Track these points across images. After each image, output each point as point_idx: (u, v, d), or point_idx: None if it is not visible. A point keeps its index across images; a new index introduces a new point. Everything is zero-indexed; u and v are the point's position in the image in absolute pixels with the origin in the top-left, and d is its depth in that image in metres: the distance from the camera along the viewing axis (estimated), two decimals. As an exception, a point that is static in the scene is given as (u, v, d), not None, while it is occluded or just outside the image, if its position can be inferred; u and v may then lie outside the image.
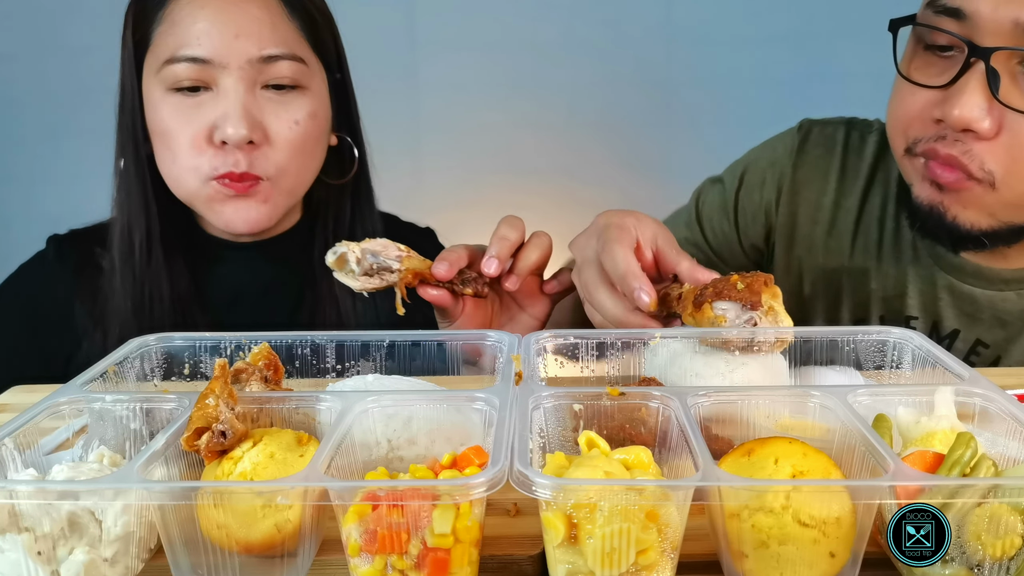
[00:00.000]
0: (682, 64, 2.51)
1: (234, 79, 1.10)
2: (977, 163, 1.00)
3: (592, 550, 0.57)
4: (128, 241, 1.17)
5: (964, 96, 0.98)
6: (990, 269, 1.14)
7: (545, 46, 2.49)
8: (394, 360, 0.87)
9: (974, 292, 1.16)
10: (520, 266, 1.03)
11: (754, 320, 0.83)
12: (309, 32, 1.17)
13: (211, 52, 1.09)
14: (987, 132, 0.99)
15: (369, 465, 0.69)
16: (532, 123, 2.51)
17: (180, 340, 0.86)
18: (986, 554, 0.59)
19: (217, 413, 0.65)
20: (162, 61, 1.11)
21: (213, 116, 1.11)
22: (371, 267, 0.97)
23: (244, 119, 1.10)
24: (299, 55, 1.14)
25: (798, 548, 0.59)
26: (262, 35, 1.11)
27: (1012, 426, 0.67)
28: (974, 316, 1.17)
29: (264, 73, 1.12)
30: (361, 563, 0.59)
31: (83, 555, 0.61)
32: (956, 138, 1.01)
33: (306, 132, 1.16)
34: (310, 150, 1.18)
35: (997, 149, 1.00)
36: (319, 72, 1.19)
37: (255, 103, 1.12)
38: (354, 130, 1.28)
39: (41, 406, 0.71)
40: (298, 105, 1.15)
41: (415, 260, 0.99)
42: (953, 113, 0.99)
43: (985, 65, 0.97)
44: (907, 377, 0.83)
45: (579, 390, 0.71)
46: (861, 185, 1.26)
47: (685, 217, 1.39)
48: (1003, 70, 0.98)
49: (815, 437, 0.68)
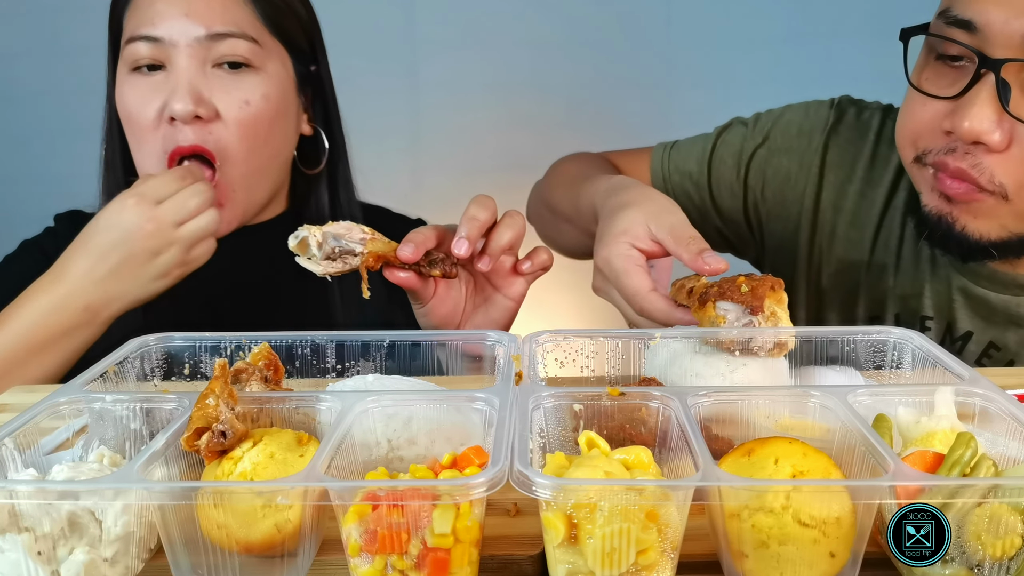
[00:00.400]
0: (682, 64, 2.50)
1: (184, 57, 1.14)
2: (987, 176, 1.00)
3: (592, 550, 0.57)
4: None
5: (974, 108, 0.98)
6: (1004, 274, 1.14)
7: (545, 46, 2.48)
8: (394, 360, 0.87)
9: (988, 295, 1.15)
10: (492, 246, 1.01)
11: (753, 324, 0.83)
12: (266, 16, 1.20)
13: (163, 31, 1.14)
14: (997, 145, 0.98)
15: (369, 465, 0.69)
16: (532, 122, 2.51)
17: (180, 340, 0.86)
18: (986, 554, 0.59)
19: (217, 413, 0.65)
20: (124, 42, 1.17)
21: (165, 94, 1.14)
22: (333, 251, 0.95)
23: (190, 94, 1.12)
24: (251, 35, 1.17)
25: (798, 548, 0.59)
26: (211, 14, 1.15)
27: (1012, 426, 0.67)
28: (988, 319, 1.16)
29: (213, 51, 1.15)
30: (361, 563, 0.59)
31: (83, 555, 0.61)
32: (966, 150, 1.00)
33: (258, 113, 1.17)
34: (263, 134, 1.19)
35: (1008, 162, 0.99)
36: (277, 56, 1.21)
37: (204, 80, 1.15)
38: (329, 121, 1.30)
39: (41, 406, 0.71)
40: (250, 85, 1.17)
41: (379, 243, 0.97)
42: (963, 125, 0.98)
43: (995, 77, 0.97)
44: (907, 377, 0.83)
45: (579, 390, 0.71)
46: (890, 178, 1.24)
47: (699, 152, 1.36)
48: (1014, 82, 0.98)
49: (815, 437, 0.68)
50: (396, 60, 2.51)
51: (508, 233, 1.02)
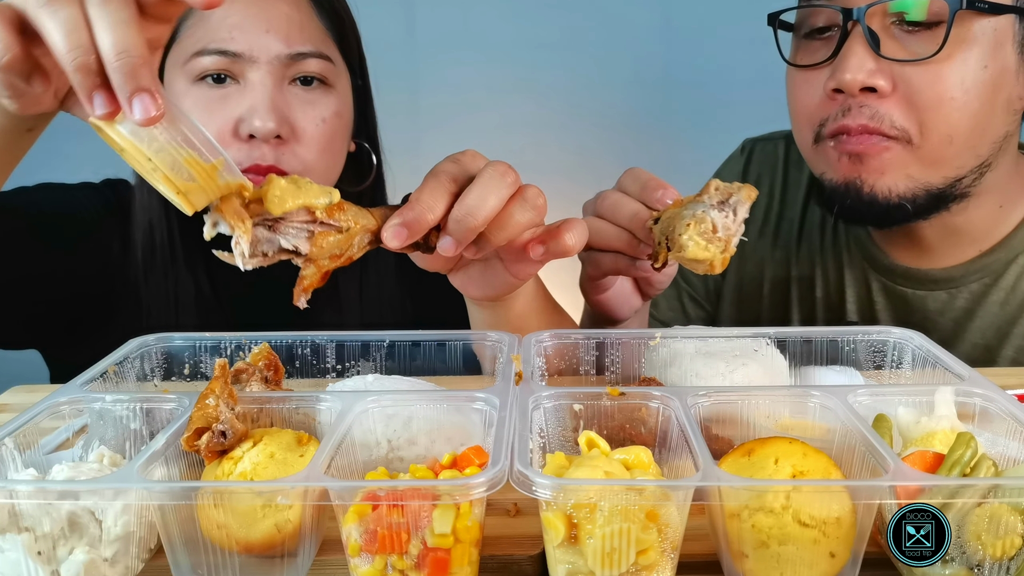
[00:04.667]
0: (682, 64, 2.50)
1: (262, 73, 1.10)
2: (887, 122, 1.03)
3: (592, 550, 0.57)
4: (151, 240, 1.18)
5: (852, 59, 1.02)
6: (919, 270, 1.17)
7: (545, 46, 2.48)
8: (394, 360, 0.87)
9: (906, 293, 1.18)
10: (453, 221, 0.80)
11: (734, 208, 0.76)
12: (336, 32, 1.18)
13: (242, 46, 1.10)
14: (884, 88, 1.02)
15: (369, 465, 0.69)
16: (532, 123, 2.51)
17: (180, 340, 0.86)
18: (986, 554, 0.59)
19: (217, 413, 0.65)
20: (190, 54, 1.11)
21: (240, 109, 1.10)
22: (265, 254, 0.71)
23: (272, 112, 1.09)
24: (326, 54, 1.15)
25: (798, 548, 0.59)
26: (291, 32, 1.12)
27: (1012, 426, 0.67)
28: (907, 318, 1.18)
29: (292, 69, 1.12)
30: (361, 563, 0.59)
31: (83, 555, 0.61)
32: (860, 104, 1.04)
33: (333, 130, 1.16)
34: (336, 149, 1.18)
35: (900, 104, 1.03)
36: (344, 73, 1.20)
37: (283, 98, 1.12)
38: (372, 138, 1.29)
39: (41, 406, 0.71)
40: (325, 103, 1.15)
41: (330, 238, 0.71)
42: (845, 77, 1.02)
43: (863, 27, 1.01)
44: (907, 377, 0.84)
45: (579, 390, 0.71)
46: (802, 195, 1.30)
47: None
48: (880, 29, 1.02)
49: (815, 437, 0.68)
50: (396, 61, 2.51)
51: (491, 200, 0.76)
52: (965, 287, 1.15)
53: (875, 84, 1.02)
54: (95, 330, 1.20)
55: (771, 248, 1.31)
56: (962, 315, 1.16)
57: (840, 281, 1.24)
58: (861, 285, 1.22)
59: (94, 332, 1.20)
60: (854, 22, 1.02)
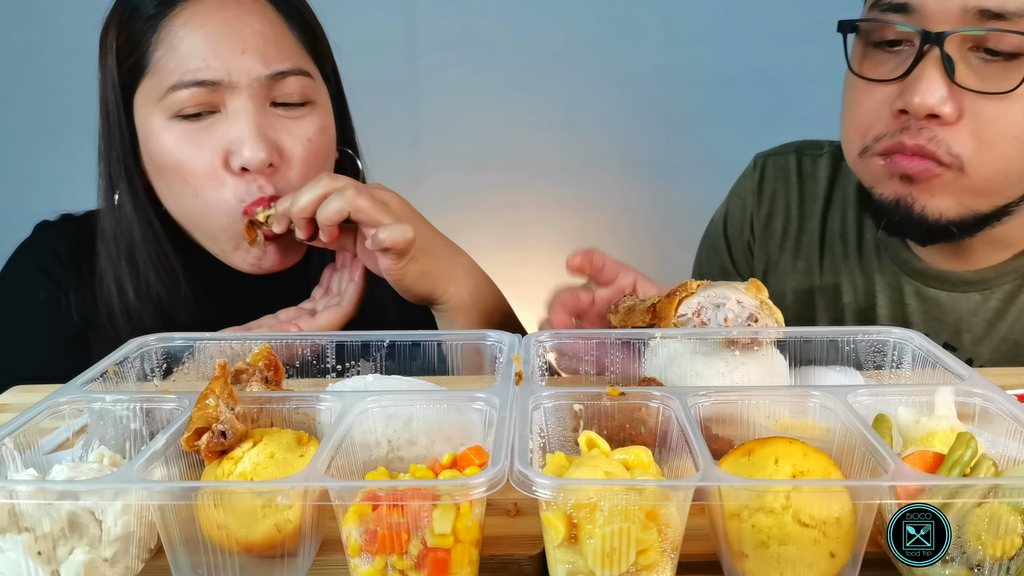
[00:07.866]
0: (682, 64, 2.51)
1: (243, 98, 1.05)
2: (944, 148, 1.01)
3: (592, 550, 0.57)
4: (135, 269, 1.14)
5: (923, 83, 1.00)
6: (952, 272, 1.16)
7: (545, 46, 2.48)
8: (394, 360, 0.87)
9: (939, 295, 1.17)
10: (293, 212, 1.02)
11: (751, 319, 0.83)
12: (309, 44, 1.14)
13: (219, 73, 1.04)
14: (950, 116, 1.00)
15: (369, 465, 0.69)
16: (532, 123, 2.51)
17: (180, 340, 0.86)
18: (986, 554, 0.59)
19: (217, 413, 0.65)
20: (166, 88, 1.05)
21: (226, 140, 1.05)
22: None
23: (261, 141, 1.05)
24: (305, 69, 1.11)
25: (798, 548, 0.59)
26: (267, 50, 1.06)
27: (1012, 426, 0.67)
28: (941, 319, 1.18)
29: (273, 90, 1.07)
30: (361, 563, 0.59)
31: (83, 555, 0.61)
32: (920, 127, 1.02)
33: (318, 148, 1.12)
34: (323, 165, 1.14)
35: (961, 133, 1.01)
36: (322, 85, 1.16)
37: (267, 122, 1.07)
38: (351, 143, 1.25)
39: (41, 406, 0.71)
40: (309, 121, 1.11)
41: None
42: (914, 101, 1.00)
43: (940, 51, 0.99)
44: (907, 377, 0.83)
45: (579, 390, 0.71)
46: (820, 207, 1.30)
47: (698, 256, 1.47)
48: (956, 55, 1.00)
49: (815, 437, 0.68)
50: (396, 60, 2.51)
51: (303, 199, 1.02)
52: (999, 287, 1.15)
53: (942, 112, 0.99)
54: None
55: (792, 261, 1.31)
56: (994, 315, 1.15)
57: (870, 286, 1.23)
58: (893, 290, 1.21)
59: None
60: (931, 45, 0.99)
